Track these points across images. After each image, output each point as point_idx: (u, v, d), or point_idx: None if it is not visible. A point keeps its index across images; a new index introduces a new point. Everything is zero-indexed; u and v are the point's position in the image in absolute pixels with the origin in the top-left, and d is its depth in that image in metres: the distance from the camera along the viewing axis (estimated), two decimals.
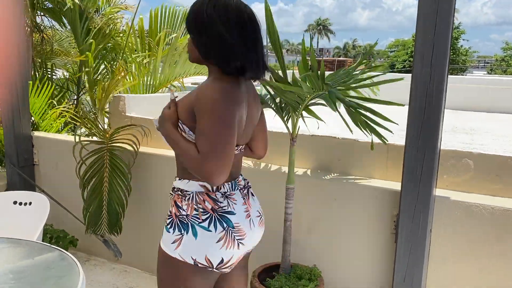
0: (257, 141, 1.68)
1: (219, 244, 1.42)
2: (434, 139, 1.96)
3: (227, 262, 1.46)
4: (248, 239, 1.49)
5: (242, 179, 1.61)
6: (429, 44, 1.90)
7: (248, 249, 1.55)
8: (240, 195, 1.53)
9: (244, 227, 1.48)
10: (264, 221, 1.62)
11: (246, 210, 1.52)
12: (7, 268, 1.67)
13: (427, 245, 2.09)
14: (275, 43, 2.03)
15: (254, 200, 1.61)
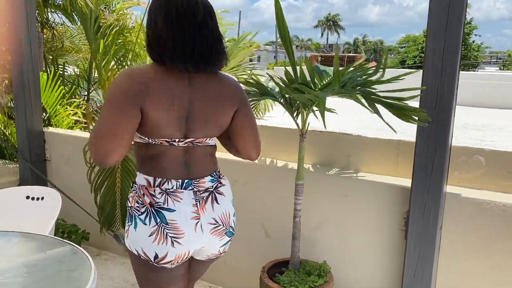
0: (241, 141, 1.61)
1: (151, 238, 1.42)
2: (445, 136, 1.95)
3: (163, 258, 1.44)
4: (187, 240, 1.45)
5: (209, 182, 1.53)
6: (440, 39, 1.89)
7: (191, 250, 1.49)
8: (191, 196, 1.47)
9: (183, 227, 1.44)
10: (224, 231, 1.54)
11: (195, 212, 1.47)
12: (20, 261, 1.70)
13: (437, 242, 2.08)
14: (285, 39, 2.03)
15: (217, 207, 1.52)
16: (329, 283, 2.14)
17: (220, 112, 1.51)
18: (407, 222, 2.13)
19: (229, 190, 1.61)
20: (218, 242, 1.55)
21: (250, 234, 2.70)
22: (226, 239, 1.57)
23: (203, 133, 1.49)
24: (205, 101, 1.46)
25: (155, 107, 1.37)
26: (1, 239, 1.91)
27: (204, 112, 1.47)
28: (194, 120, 1.45)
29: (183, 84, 1.42)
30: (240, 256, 2.76)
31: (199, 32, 1.39)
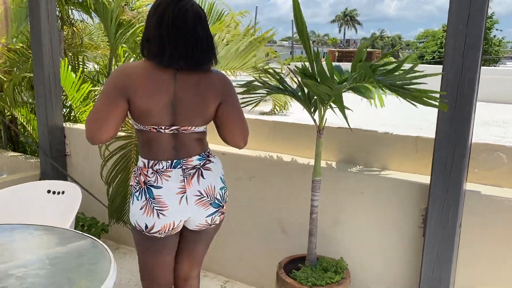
0: (226, 131, 1.77)
1: (142, 211, 1.68)
2: (466, 132, 1.92)
3: (152, 228, 1.69)
4: (170, 212, 1.67)
5: (197, 160, 1.73)
6: (461, 35, 1.86)
7: (176, 221, 1.70)
8: (179, 174, 1.69)
9: (168, 201, 1.67)
10: (209, 202, 1.73)
11: (180, 188, 1.68)
12: (43, 254, 1.74)
13: (456, 240, 2.05)
14: (303, 34, 2.02)
15: (202, 181, 1.72)
16: (346, 279, 2.14)
17: (203, 104, 1.69)
18: (425, 219, 2.10)
19: (217, 167, 1.79)
20: (204, 212, 1.74)
21: (266, 230, 2.71)
22: (212, 210, 1.75)
23: (188, 123, 1.68)
24: (189, 93, 1.66)
25: (141, 98, 1.61)
26: (24, 232, 1.95)
27: (188, 104, 1.66)
28: (179, 111, 1.66)
29: (169, 78, 1.64)
30: (257, 252, 2.78)
31: (187, 36, 1.61)
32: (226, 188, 1.81)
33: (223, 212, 1.81)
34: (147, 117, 1.64)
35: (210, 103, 1.70)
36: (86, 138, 1.64)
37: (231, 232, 2.84)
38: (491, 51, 37.05)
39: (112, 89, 1.62)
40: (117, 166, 2.90)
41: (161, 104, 1.63)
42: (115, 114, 1.61)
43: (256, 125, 2.88)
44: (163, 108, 1.64)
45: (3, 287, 1.47)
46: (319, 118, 2.15)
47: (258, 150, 2.83)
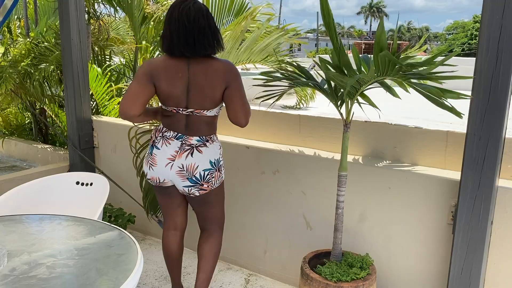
0: (231, 111, 2.09)
1: (144, 161, 2.21)
2: (499, 127, 1.85)
3: (146, 175, 2.20)
4: (157, 169, 2.13)
5: (195, 141, 2.09)
6: (496, 25, 1.79)
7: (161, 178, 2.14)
8: (177, 145, 2.09)
9: (159, 160, 2.12)
10: (186, 176, 2.09)
11: (171, 156, 2.09)
12: (72, 244, 1.77)
13: (487, 238, 1.99)
14: (330, 25, 1.98)
15: (189, 158, 2.08)
16: (372, 275, 2.11)
17: (210, 89, 2.03)
18: (455, 216, 2.05)
19: (210, 152, 2.11)
20: (181, 182, 2.12)
21: (291, 224, 2.70)
22: (187, 183, 2.12)
23: (200, 106, 2.05)
24: (199, 80, 2.02)
25: (162, 85, 2.03)
26: (53, 223, 2.00)
27: (199, 89, 2.03)
28: (192, 95, 2.04)
29: (183, 67, 2.02)
30: (281, 246, 2.77)
31: (190, 30, 1.96)
32: (212, 170, 2.12)
33: (203, 188, 2.13)
34: (169, 100, 2.07)
35: (216, 88, 2.03)
36: (120, 114, 2.07)
37: (256, 225, 2.84)
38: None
39: (142, 76, 2.04)
40: None
41: (179, 89, 2.03)
42: (143, 94, 2.04)
43: (281, 119, 2.86)
44: (180, 93, 2.03)
45: (34, 275, 1.51)
46: (346, 112, 2.11)
47: (282, 143, 2.81)
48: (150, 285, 2.75)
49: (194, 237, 2.66)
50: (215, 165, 2.13)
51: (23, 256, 1.64)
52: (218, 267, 2.97)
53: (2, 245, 1.62)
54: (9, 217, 2.03)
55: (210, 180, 2.13)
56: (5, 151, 4.61)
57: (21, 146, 4.48)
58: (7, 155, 4.60)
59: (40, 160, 4.20)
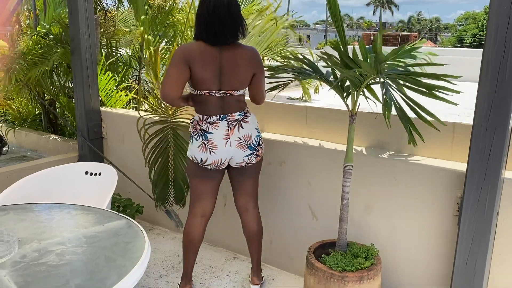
0: (254, 92, 2.35)
1: (198, 148, 2.28)
2: (506, 118, 1.84)
3: (205, 161, 2.28)
4: (219, 151, 2.26)
5: (238, 115, 2.28)
6: (504, 15, 1.77)
7: (223, 158, 2.28)
8: (225, 125, 2.25)
9: (217, 143, 2.25)
10: (246, 146, 2.28)
11: (226, 134, 2.25)
12: (81, 233, 1.81)
13: (492, 229, 1.99)
14: (336, 17, 1.98)
15: (241, 130, 2.27)
16: (377, 266, 2.12)
17: (241, 73, 2.23)
18: (460, 207, 2.05)
19: (253, 121, 2.33)
20: (242, 153, 2.29)
21: (296, 215, 2.72)
22: (248, 152, 2.30)
23: (231, 87, 2.23)
24: (230, 65, 2.20)
25: (197, 69, 2.17)
26: (62, 211, 2.03)
27: (230, 73, 2.20)
28: (225, 78, 2.20)
29: (216, 53, 2.18)
30: (287, 236, 2.79)
31: (221, 18, 2.13)
32: (260, 136, 2.34)
33: (258, 155, 2.34)
34: (201, 84, 2.21)
35: (246, 73, 2.24)
36: (162, 98, 2.25)
37: (262, 216, 2.86)
38: None
39: (178, 61, 2.18)
40: (157, 149, 2.95)
41: (212, 74, 2.19)
42: (182, 77, 2.19)
43: (288, 110, 2.87)
44: (213, 76, 2.19)
45: (44, 262, 1.55)
46: (352, 103, 2.12)
47: (289, 135, 2.82)
48: (158, 273, 2.80)
49: None
50: (259, 131, 2.37)
51: (33, 243, 1.68)
52: (225, 256, 3.00)
53: (13, 232, 1.66)
54: (20, 206, 2.07)
55: (261, 145, 2.36)
56: (16, 142, 4.67)
57: (31, 137, 4.54)
58: (18, 145, 4.66)
59: (50, 151, 4.26)
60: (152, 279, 2.73)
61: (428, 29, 61.23)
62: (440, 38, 53.97)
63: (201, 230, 2.46)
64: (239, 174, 2.40)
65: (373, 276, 2.08)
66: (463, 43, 40.23)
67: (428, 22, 70.81)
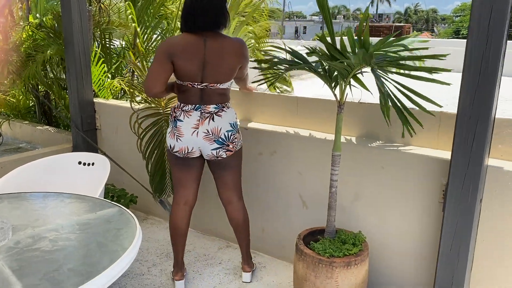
0: (240, 80, 2.59)
1: (169, 135, 2.37)
2: (488, 107, 1.89)
3: (173, 148, 2.35)
4: (185, 139, 2.30)
5: (213, 108, 2.29)
6: (487, 6, 1.81)
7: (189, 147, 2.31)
8: (198, 115, 2.28)
9: (184, 131, 2.30)
10: (213, 139, 2.29)
11: (196, 124, 2.29)
12: (74, 220, 1.85)
13: (476, 215, 2.05)
14: (324, 8, 2.01)
15: (211, 123, 2.28)
16: (364, 251, 2.18)
17: (226, 66, 2.24)
18: (445, 194, 2.10)
19: (228, 116, 2.33)
20: (209, 146, 2.31)
21: (287, 204, 2.77)
22: (215, 145, 2.31)
23: (214, 80, 2.25)
24: (215, 57, 2.21)
25: (180, 62, 2.21)
26: (56, 199, 2.08)
27: (214, 66, 2.22)
28: (208, 71, 2.22)
29: (200, 45, 2.20)
30: (278, 225, 2.85)
31: (203, 6, 2.17)
32: (234, 131, 2.34)
33: (229, 149, 2.34)
34: (185, 76, 2.25)
35: (232, 66, 2.27)
36: (145, 92, 2.31)
37: (254, 205, 2.91)
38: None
39: (160, 55, 2.22)
40: (152, 142, 2.98)
41: (195, 66, 2.21)
42: (163, 72, 2.24)
43: (279, 101, 2.90)
44: (196, 69, 2.22)
45: (37, 248, 1.59)
46: (340, 93, 2.16)
47: (279, 125, 2.87)
48: (151, 261, 2.85)
49: (197, 216, 2.75)
50: (234, 127, 2.36)
51: (27, 230, 1.72)
52: (218, 245, 3.05)
53: (7, 219, 1.70)
54: (14, 195, 2.11)
55: (234, 140, 2.35)
56: (11, 133, 4.70)
57: (26, 128, 4.57)
58: (12, 137, 4.69)
59: (44, 142, 4.29)
60: (145, 267, 2.78)
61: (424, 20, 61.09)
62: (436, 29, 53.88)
63: (184, 217, 2.49)
64: (217, 167, 2.42)
65: (360, 262, 2.14)
66: (460, 34, 40.23)
67: (425, 14, 70.69)
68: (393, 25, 19.80)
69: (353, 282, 2.13)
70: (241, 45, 2.28)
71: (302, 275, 2.21)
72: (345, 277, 2.11)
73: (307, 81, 4.33)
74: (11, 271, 1.43)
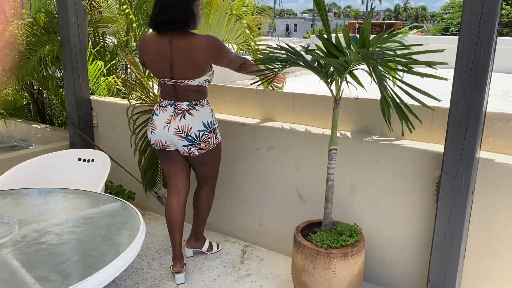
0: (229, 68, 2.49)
1: (147, 127, 2.52)
2: (479, 101, 1.96)
3: (150, 140, 2.48)
4: (157, 132, 2.41)
5: (185, 105, 2.37)
6: (478, 4, 1.87)
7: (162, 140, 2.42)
8: (171, 110, 2.38)
9: (158, 125, 2.41)
10: (183, 136, 2.37)
11: (168, 120, 2.38)
12: (78, 214, 1.89)
13: (468, 206, 2.12)
14: (320, 5, 2.06)
15: (182, 121, 2.36)
16: (360, 242, 2.24)
17: (193, 63, 2.29)
18: (438, 186, 2.17)
19: (201, 115, 2.39)
20: (180, 142, 2.40)
21: (285, 198, 2.82)
22: (185, 142, 2.39)
23: (183, 76, 2.33)
24: (181, 55, 2.28)
25: (149, 59, 2.38)
26: (58, 195, 2.11)
27: (181, 63, 2.29)
28: (175, 68, 2.31)
29: (166, 43, 2.28)
30: (276, 219, 2.90)
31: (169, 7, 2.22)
32: (207, 131, 2.40)
33: (201, 148, 2.41)
34: (156, 73, 2.39)
35: (200, 62, 2.30)
36: None
37: (252, 199, 2.96)
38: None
39: (140, 58, 2.49)
40: (146, 139, 3.02)
41: (163, 64, 2.31)
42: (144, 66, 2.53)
43: (276, 97, 2.95)
44: (164, 66, 2.32)
45: (44, 241, 1.63)
46: (336, 89, 2.21)
47: (277, 121, 2.91)
48: (151, 256, 2.88)
49: (192, 212, 2.79)
50: (209, 126, 2.41)
51: (32, 224, 1.75)
52: (216, 239, 3.10)
53: (12, 215, 1.73)
54: (16, 191, 2.14)
55: (206, 140, 2.41)
56: (6, 132, 4.69)
57: (21, 127, 4.56)
58: (7, 135, 4.69)
59: (39, 140, 4.29)
60: (145, 261, 2.82)
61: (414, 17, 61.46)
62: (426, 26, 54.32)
63: (178, 209, 2.56)
64: (192, 161, 2.52)
65: (356, 253, 2.20)
66: (449, 31, 40.56)
67: (415, 11, 71.12)
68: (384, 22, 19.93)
69: (350, 272, 2.19)
70: (209, 41, 2.29)
71: (300, 266, 2.26)
72: (342, 267, 2.17)
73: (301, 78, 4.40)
74: (20, 263, 1.47)
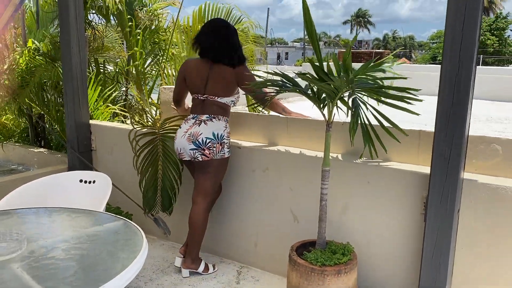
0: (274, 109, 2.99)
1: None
2: (462, 125, 2.10)
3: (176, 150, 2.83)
4: (177, 141, 2.79)
5: (206, 117, 2.75)
6: (458, 36, 2.04)
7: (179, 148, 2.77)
8: (192, 122, 2.76)
9: (178, 135, 2.78)
10: (191, 140, 2.70)
11: (186, 129, 2.75)
12: (83, 231, 1.97)
13: (454, 224, 2.23)
14: (312, 35, 2.21)
15: (196, 128, 2.72)
16: (353, 261, 2.33)
17: (224, 85, 2.76)
18: (426, 206, 2.28)
19: (214, 126, 2.73)
20: (188, 146, 2.72)
21: (279, 219, 2.91)
22: (192, 146, 2.70)
23: (213, 94, 2.76)
24: (216, 78, 2.75)
25: (189, 79, 2.83)
26: (62, 214, 2.19)
27: (214, 84, 2.76)
28: (209, 87, 2.76)
29: (206, 67, 2.77)
30: (270, 239, 2.98)
31: (216, 40, 2.74)
32: (214, 140, 2.69)
33: (205, 154, 2.69)
34: (192, 89, 2.84)
35: (229, 86, 2.77)
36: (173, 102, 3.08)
37: (247, 220, 3.05)
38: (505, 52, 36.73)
39: (179, 73, 2.94)
40: (147, 160, 3.12)
41: (200, 83, 2.78)
42: (178, 88, 2.97)
43: (270, 121, 3.08)
44: (200, 85, 2.78)
45: (51, 256, 1.70)
46: (328, 113, 2.35)
47: (272, 144, 3.03)
48: (148, 277, 2.94)
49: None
50: (217, 137, 2.71)
51: (39, 241, 1.83)
52: (212, 260, 3.16)
53: (21, 231, 1.81)
54: (21, 210, 2.21)
55: (211, 148, 2.69)
56: (3, 156, 4.75)
57: (19, 150, 4.63)
58: (5, 159, 4.75)
59: (37, 164, 4.36)
60: (142, 282, 2.87)
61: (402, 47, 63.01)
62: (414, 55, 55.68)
63: (194, 215, 2.81)
64: (196, 168, 2.80)
65: (349, 270, 2.28)
66: (437, 60, 41.56)
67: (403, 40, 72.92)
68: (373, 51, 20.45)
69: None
70: (237, 71, 2.74)
71: (295, 284, 2.34)
72: (336, 284, 2.25)
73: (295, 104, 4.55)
74: (30, 276, 1.54)
